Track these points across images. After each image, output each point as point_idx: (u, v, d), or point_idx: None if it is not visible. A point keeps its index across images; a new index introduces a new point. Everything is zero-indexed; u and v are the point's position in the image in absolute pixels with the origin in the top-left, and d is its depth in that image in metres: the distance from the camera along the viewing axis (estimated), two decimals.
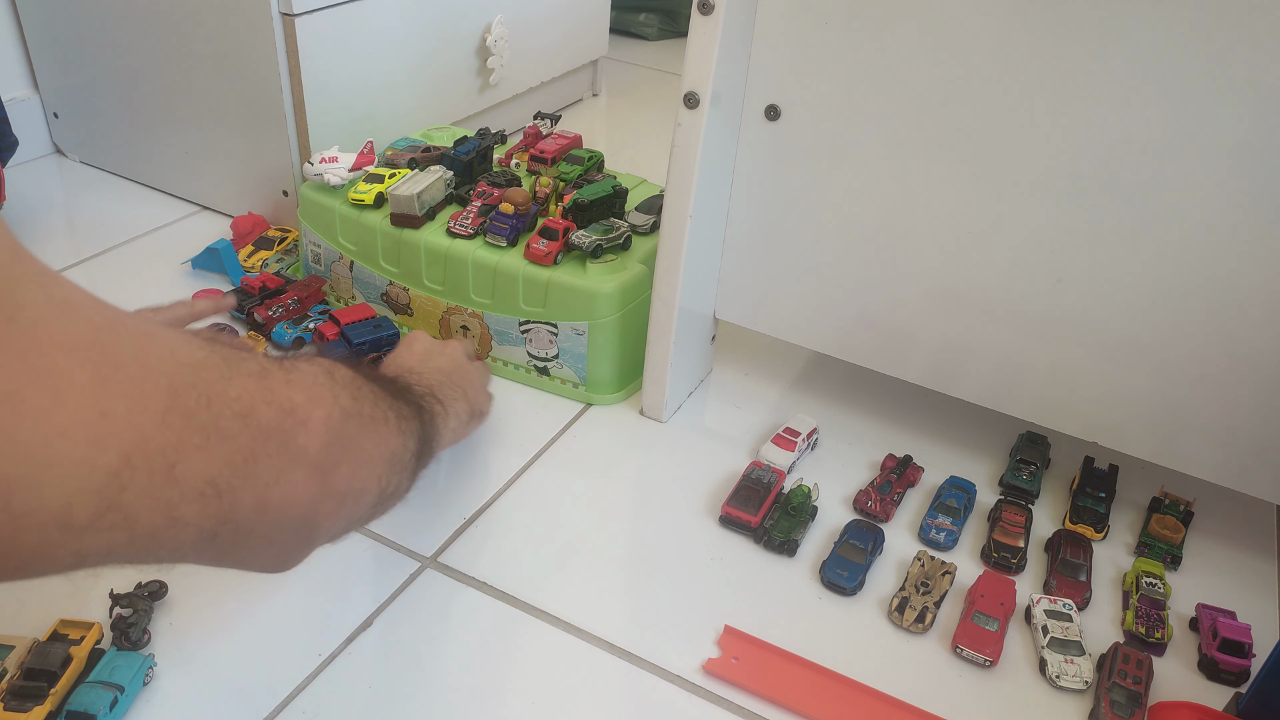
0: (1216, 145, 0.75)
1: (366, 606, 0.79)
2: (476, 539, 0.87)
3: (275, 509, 0.42)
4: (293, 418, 0.42)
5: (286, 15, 1.14)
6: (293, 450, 0.42)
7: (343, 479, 0.47)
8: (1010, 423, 0.97)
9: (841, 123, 0.88)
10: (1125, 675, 0.76)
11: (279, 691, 0.72)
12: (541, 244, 1.00)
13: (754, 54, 0.89)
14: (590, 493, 0.93)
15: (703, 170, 0.90)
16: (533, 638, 0.78)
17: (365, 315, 1.07)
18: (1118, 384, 0.86)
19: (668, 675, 0.76)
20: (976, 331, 0.91)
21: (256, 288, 1.12)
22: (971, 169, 0.84)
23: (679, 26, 2.15)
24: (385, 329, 1.06)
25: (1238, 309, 0.79)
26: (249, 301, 1.10)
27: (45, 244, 1.21)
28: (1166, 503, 0.94)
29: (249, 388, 0.40)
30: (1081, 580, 0.86)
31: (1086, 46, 0.76)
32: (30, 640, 0.71)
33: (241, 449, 0.39)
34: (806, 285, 0.97)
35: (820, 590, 0.84)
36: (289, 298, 1.10)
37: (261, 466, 0.40)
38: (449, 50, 1.42)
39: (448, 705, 0.72)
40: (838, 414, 1.06)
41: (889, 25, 0.82)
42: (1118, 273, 0.82)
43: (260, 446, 0.40)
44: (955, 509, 0.91)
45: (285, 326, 1.07)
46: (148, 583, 0.77)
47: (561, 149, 1.16)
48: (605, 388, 1.04)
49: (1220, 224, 0.77)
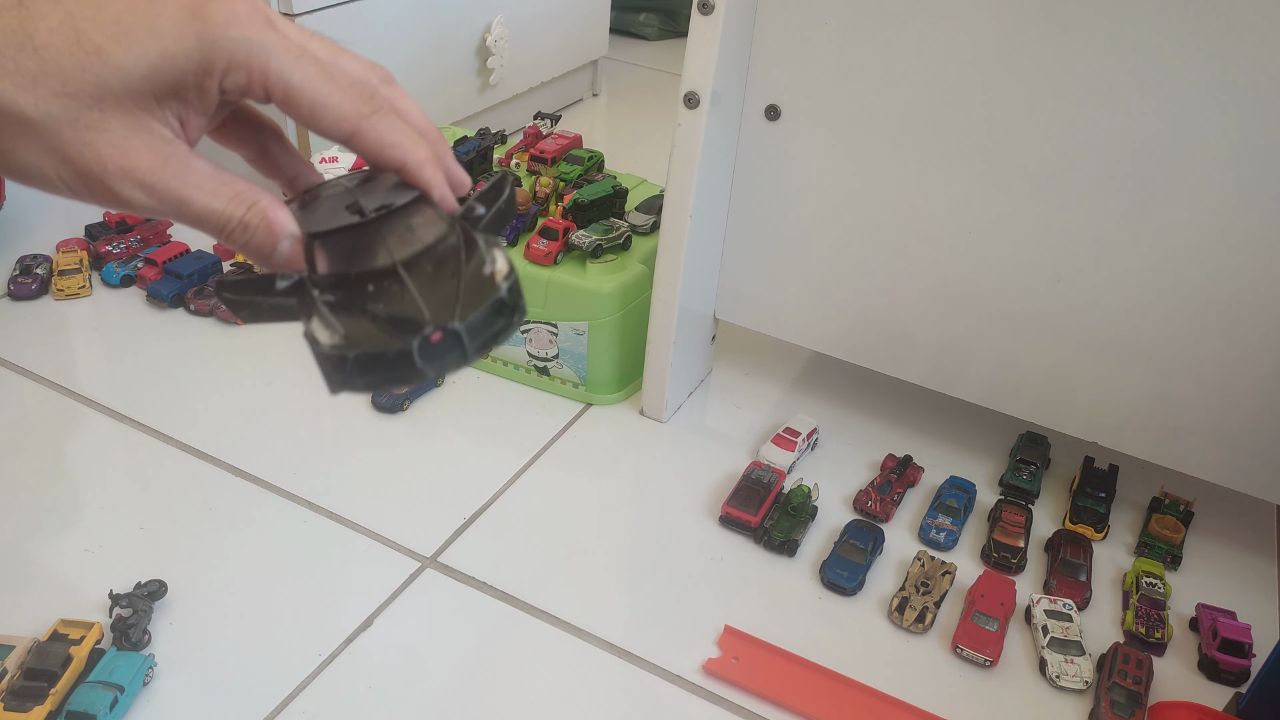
0: (1215, 146, 0.75)
1: (366, 606, 0.79)
2: (476, 539, 0.87)
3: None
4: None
5: (287, 15, 1.15)
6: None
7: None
8: (1010, 423, 0.97)
9: (841, 123, 0.88)
10: (1125, 675, 0.76)
11: (279, 691, 0.72)
12: (541, 244, 1.00)
13: (754, 54, 0.89)
14: (590, 493, 0.93)
15: (703, 170, 0.90)
16: (533, 638, 0.78)
17: (182, 251, 1.19)
18: (1118, 384, 0.86)
19: (668, 675, 0.76)
20: (976, 331, 0.91)
21: (114, 223, 1.24)
22: (971, 169, 0.84)
23: (679, 26, 2.15)
24: (205, 258, 1.17)
25: (1237, 309, 0.79)
26: (103, 233, 1.21)
27: (45, 243, 1.21)
28: (1166, 503, 0.94)
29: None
30: (1081, 580, 0.86)
31: (1086, 47, 0.76)
32: (30, 640, 0.71)
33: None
34: (807, 285, 0.97)
35: (820, 590, 0.84)
36: (132, 236, 1.20)
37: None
38: (449, 50, 1.42)
39: (448, 705, 0.72)
40: (838, 414, 1.05)
41: (889, 25, 0.82)
42: (1117, 273, 0.82)
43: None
44: (955, 509, 0.91)
45: (115, 265, 1.16)
46: (148, 582, 0.77)
47: (561, 149, 1.16)
48: (605, 388, 1.04)
49: (1219, 224, 0.77)
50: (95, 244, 1.19)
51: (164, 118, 0.30)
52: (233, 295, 0.32)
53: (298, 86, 0.30)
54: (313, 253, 0.32)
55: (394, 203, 0.32)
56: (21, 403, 0.98)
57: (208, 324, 1.11)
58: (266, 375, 1.03)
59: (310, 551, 0.84)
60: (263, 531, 0.85)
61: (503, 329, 0.30)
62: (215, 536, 0.85)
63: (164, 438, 0.95)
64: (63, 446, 0.93)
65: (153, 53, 0.29)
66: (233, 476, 0.91)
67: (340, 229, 0.32)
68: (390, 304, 0.30)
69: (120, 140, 0.29)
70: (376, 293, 0.30)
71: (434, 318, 0.29)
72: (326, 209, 0.33)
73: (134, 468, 0.92)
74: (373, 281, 0.30)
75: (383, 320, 0.30)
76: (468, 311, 0.29)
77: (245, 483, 0.90)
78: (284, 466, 0.92)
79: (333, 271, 0.31)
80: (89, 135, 0.29)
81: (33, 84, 0.28)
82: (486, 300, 0.29)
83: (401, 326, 0.29)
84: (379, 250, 0.31)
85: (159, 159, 0.30)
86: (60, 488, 0.89)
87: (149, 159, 0.30)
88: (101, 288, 1.15)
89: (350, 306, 0.30)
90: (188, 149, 0.31)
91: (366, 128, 0.32)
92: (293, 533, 0.86)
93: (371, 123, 0.32)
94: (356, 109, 0.32)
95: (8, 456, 0.91)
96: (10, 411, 0.97)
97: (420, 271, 0.31)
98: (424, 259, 0.31)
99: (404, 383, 0.30)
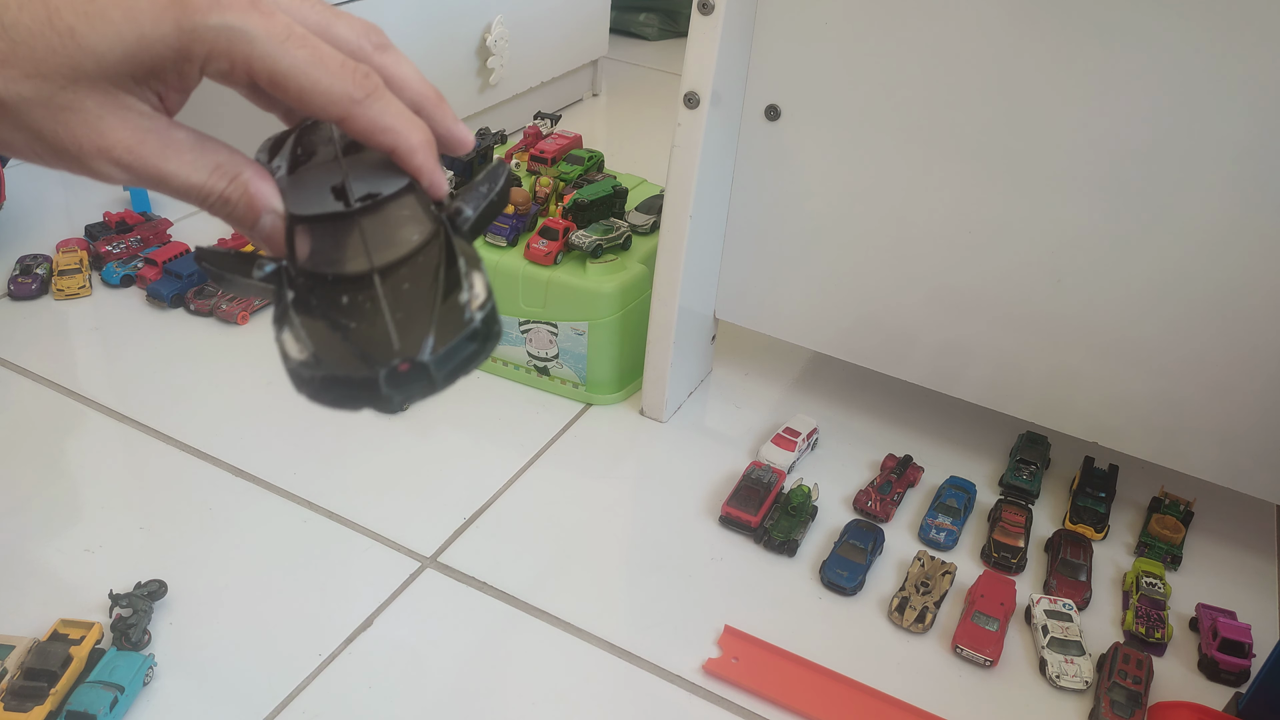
0: (1217, 148, 0.75)
1: (366, 606, 0.79)
2: (476, 539, 0.87)
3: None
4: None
5: None
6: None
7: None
8: (1010, 423, 0.97)
9: (842, 123, 0.88)
10: (1125, 675, 0.76)
11: (279, 691, 0.72)
12: (541, 244, 1.00)
13: (754, 54, 0.89)
14: (590, 493, 0.93)
15: (703, 170, 0.90)
16: (533, 638, 0.78)
17: (182, 250, 1.18)
18: (1118, 384, 0.86)
19: (668, 675, 0.76)
20: (977, 331, 0.91)
21: (114, 223, 1.23)
22: (972, 169, 0.84)
23: (679, 26, 2.15)
24: None
25: (1238, 310, 0.79)
26: (103, 233, 1.21)
27: (45, 243, 1.21)
28: (1166, 503, 0.94)
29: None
30: (1081, 580, 0.86)
31: (1088, 48, 0.76)
32: (30, 640, 0.71)
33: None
34: (807, 285, 0.97)
35: (820, 590, 0.84)
36: (132, 236, 1.19)
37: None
38: (449, 50, 1.42)
39: (448, 705, 0.72)
40: (838, 414, 1.05)
41: (889, 25, 0.82)
42: (1118, 273, 0.82)
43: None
44: (955, 509, 0.91)
45: (115, 265, 1.16)
46: (148, 582, 0.77)
47: (561, 149, 1.16)
48: (605, 388, 1.04)
49: (1220, 225, 0.77)
50: (95, 244, 1.19)
51: (142, 94, 0.29)
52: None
53: (283, 73, 0.29)
54: (293, 235, 0.32)
55: (381, 191, 0.32)
56: (21, 403, 0.98)
57: (208, 324, 1.11)
58: (266, 375, 1.03)
59: (310, 551, 0.84)
60: (263, 531, 0.85)
61: (473, 355, 0.30)
62: (215, 536, 0.85)
63: (164, 438, 0.95)
64: (63, 446, 0.93)
65: (129, 37, 0.27)
66: (233, 476, 0.91)
67: (323, 216, 0.31)
68: (361, 322, 0.29)
69: (95, 120, 0.28)
70: (350, 305, 0.30)
71: (404, 348, 0.29)
72: (313, 181, 0.33)
73: (134, 468, 0.92)
74: (347, 291, 0.30)
75: (353, 338, 0.29)
76: (440, 343, 0.29)
77: (245, 483, 0.90)
78: (284, 466, 0.92)
79: (309, 270, 0.31)
80: (63, 115, 0.28)
81: (2, 65, 0.27)
82: (460, 332, 0.29)
83: (371, 351, 0.29)
84: (358, 249, 0.31)
85: (136, 135, 0.29)
86: (60, 488, 0.89)
87: (126, 136, 0.29)
88: (101, 288, 1.15)
89: (322, 313, 0.30)
90: (167, 121, 0.30)
91: (357, 113, 0.30)
92: (293, 532, 0.86)
93: (363, 107, 0.30)
94: (347, 93, 0.30)
95: (8, 456, 0.91)
96: (10, 411, 0.97)
97: (396, 285, 0.30)
98: (401, 268, 0.30)
99: (368, 406, 0.29)
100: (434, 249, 0.31)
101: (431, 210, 0.32)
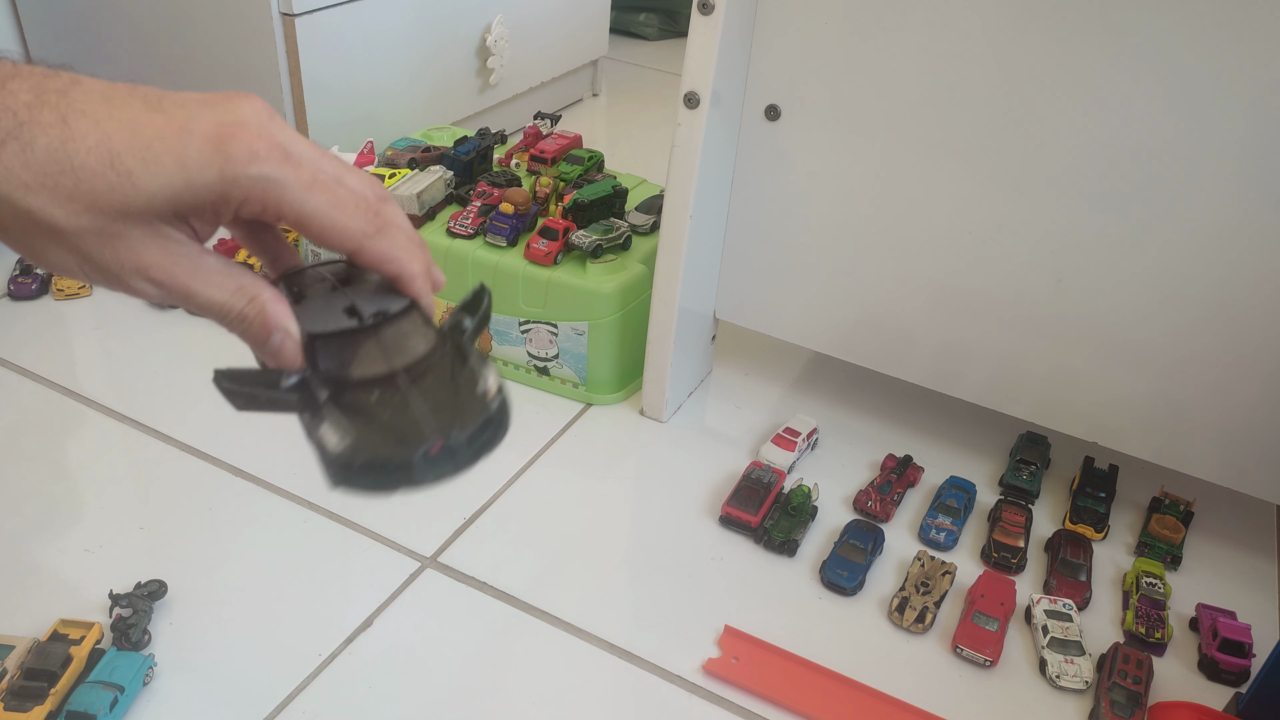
0: (1217, 149, 0.75)
1: (366, 606, 0.79)
2: (476, 539, 0.87)
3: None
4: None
5: (286, 15, 1.14)
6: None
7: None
8: (1010, 423, 0.97)
9: (842, 123, 0.88)
10: (1125, 675, 0.76)
11: (279, 691, 0.72)
12: (541, 244, 1.00)
13: (754, 54, 0.89)
14: (590, 493, 0.93)
15: (703, 170, 0.90)
16: (533, 638, 0.78)
17: None
18: (1118, 384, 0.86)
19: (668, 675, 0.76)
20: (977, 332, 0.91)
21: None
22: (972, 170, 0.84)
23: (679, 26, 2.15)
24: None
25: (1238, 310, 0.79)
26: None
27: None
28: (1166, 503, 0.94)
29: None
30: (1081, 580, 0.86)
31: (1089, 48, 0.76)
32: (30, 640, 0.71)
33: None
34: (807, 285, 0.97)
35: (820, 590, 0.84)
36: None
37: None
38: (449, 50, 1.42)
39: (448, 705, 0.72)
40: (838, 414, 1.06)
41: (889, 25, 0.82)
42: (1118, 274, 0.82)
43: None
44: (955, 509, 0.91)
45: None
46: (148, 582, 0.77)
47: (561, 149, 1.16)
48: (605, 388, 1.04)
49: (1220, 226, 0.77)
50: None
51: (179, 225, 0.34)
52: (231, 385, 0.35)
53: (309, 214, 0.34)
54: (313, 351, 0.35)
55: (389, 309, 0.36)
56: (21, 403, 0.98)
57: (208, 324, 1.10)
58: None
59: (310, 552, 0.84)
60: (263, 531, 0.85)
61: (492, 438, 0.34)
62: (215, 536, 0.85)
63: (164, 438, 0.95)
64: (63, 446, 0.93)
65: (178, 181, 0.32)
66: (233, 476, 0.91)
67: (342, 332, 0.35)
68: (393, 412, 0.33)
69: (138, 245, 0.33)
70: (380, 400, 0.33)
71: (435, 432, 0.32)
72: (320, 307, 0.36)
73: (134, 468, 0.92)
74: (376, 388, 0.34)
75: (386, 428, 0.33)
76: (465, 427, 0.33)
77: (245, 483, 0.90)
78: (284, 467, 0.92)
79: (337, 374, 0.34)
80: (111, 242, 0.32)
81: (68, 200, 0.31)
82: (479, 417, 0.33)
83: (404, 436, 0.32)
84: (378, 356, 0.35)
85: (171, 259, 0.33)
86: (60, 488, 0.89)
87: (161, 259, 0.33)
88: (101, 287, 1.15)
89: (355, 408, 0.33)
90: (199, 248, 0.34)
91: (369, 245, 0.35)
92: (293, 533, 0.86)
93: (373, 240, 0.35)
94: (361, 229, 0.35)
95: (8, 456, 0.91)
96: (10, 411, 0.97)
97: (419, 382, 0.34)
98: (421, 368, 0.34)
99: (400, 486, 0.33)
100: (445, 352, 0.35)
101: (433, 323, 0.36)
